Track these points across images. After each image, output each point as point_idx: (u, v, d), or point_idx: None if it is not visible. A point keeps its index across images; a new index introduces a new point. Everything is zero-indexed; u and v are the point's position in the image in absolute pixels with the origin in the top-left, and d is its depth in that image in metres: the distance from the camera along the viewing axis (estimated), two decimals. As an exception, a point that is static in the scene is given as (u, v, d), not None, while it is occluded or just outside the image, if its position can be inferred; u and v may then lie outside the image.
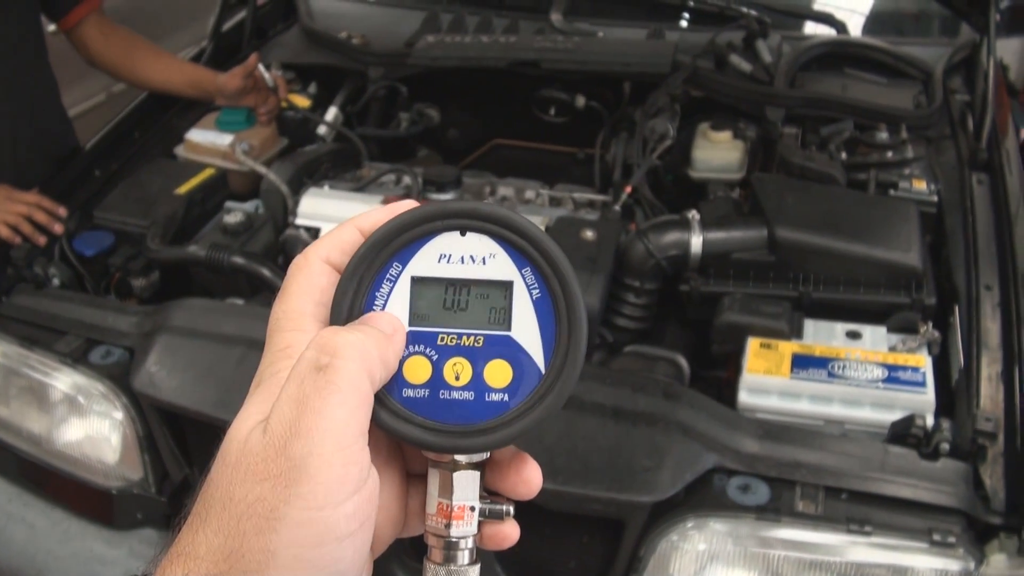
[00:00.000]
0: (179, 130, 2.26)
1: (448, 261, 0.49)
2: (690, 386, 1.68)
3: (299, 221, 1.98)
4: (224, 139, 2.18)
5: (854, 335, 1.67)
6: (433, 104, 2.51)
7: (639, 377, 1.53)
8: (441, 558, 0.49)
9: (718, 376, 1.79)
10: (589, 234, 1.80)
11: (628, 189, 1.97)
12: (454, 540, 0.49)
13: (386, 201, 1.96)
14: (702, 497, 1.39)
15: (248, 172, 2.12)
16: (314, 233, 1.95)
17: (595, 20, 2.55)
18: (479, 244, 0.49)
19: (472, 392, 0.48)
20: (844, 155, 2.07)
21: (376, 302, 0.49)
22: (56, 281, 1.83)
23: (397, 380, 0.48)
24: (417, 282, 0.49)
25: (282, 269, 1.87)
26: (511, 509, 0.51)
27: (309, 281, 0.50)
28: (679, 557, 1.38)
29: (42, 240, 1.87)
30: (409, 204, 0.51)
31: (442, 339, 0.48)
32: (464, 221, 0.49)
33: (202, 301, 1.73)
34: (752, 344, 1.62)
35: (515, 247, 0.48)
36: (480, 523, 0.50)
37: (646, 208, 2.02)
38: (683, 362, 1.73)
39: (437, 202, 0.57)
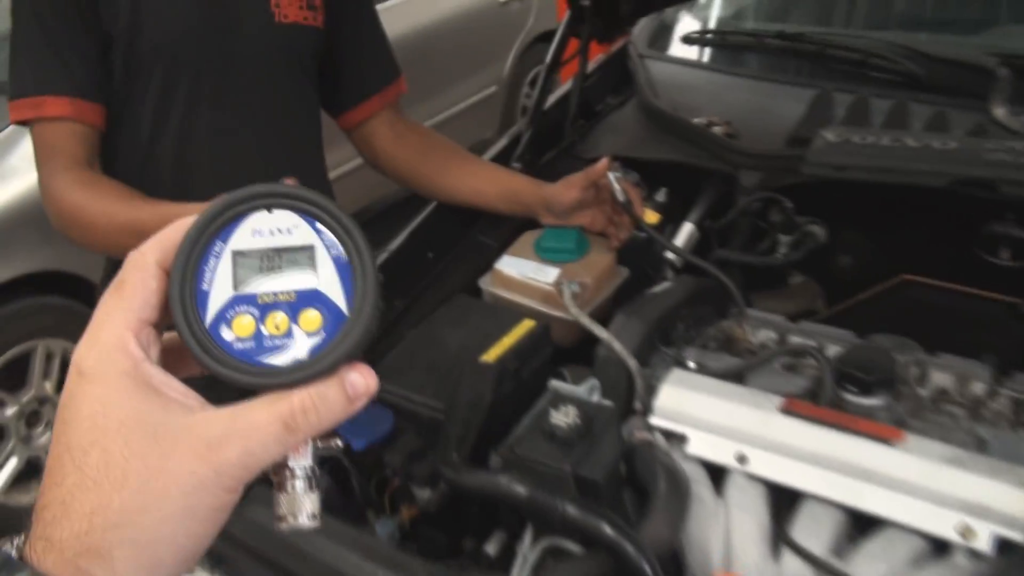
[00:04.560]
0: (486, 252, 1.70)
1: (261, 235, 0.56)
2: None
3: (656, 421, 1.35)
4: (547, 273, 1.59)
5: None
6: (818, 219, 1.81)
7: None
8: (284, 487, 0.57)
9: None
10: None
11: None
12: (292, 468, 0.57)
13: (787, 406, 1.30)
14: None
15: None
16: (678, 440, 1.33)
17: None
18: (284, 218, 0.56)
19: (290, 339, 0.55)
20: None
21: (205, 276, 0.55)
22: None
23: (228, 336, 0.54)
24: (237, 255, 0.56)
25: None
26: (340, 442, 0.61)
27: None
28: None
29: None
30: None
31: (261, 299, 0.55)
32: (269, 200, 0.56)
33: None
34: None
35: (312, 216, 0.56)
36: (316, 453, 0.58)
37: None
38: None
39: (248, 189, 0.56)
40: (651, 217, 1.75)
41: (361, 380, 0.56)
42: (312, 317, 0.55)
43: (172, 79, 1.52)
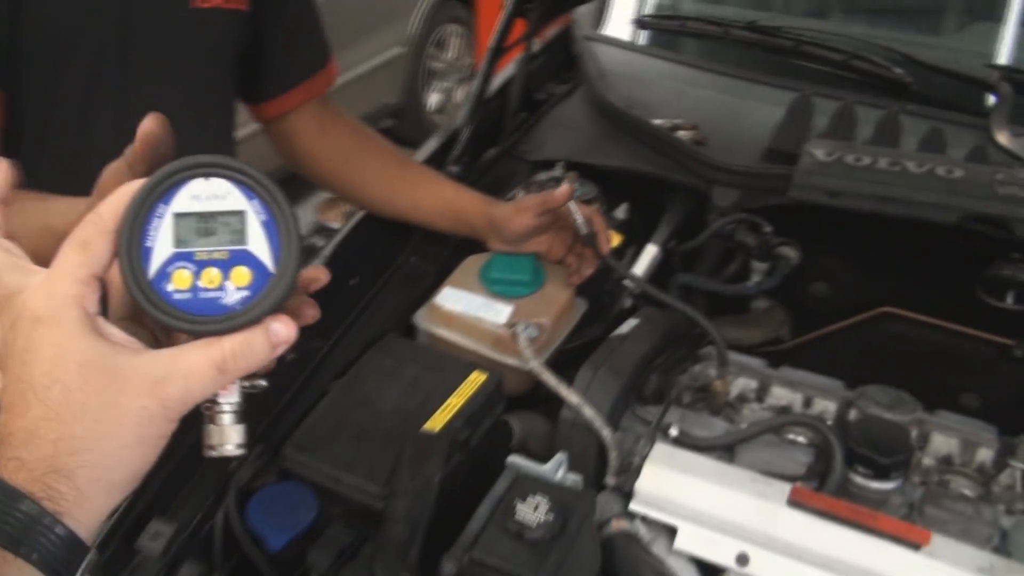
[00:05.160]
0: (422, 279, 1.44)
1: (199, 199, 0.62)
2: None
3: (639, 508, 1.13)
4: (498, 311, 1.33)
5: None
6: (789, 239, 1.61)
7: None
8: (214, 420, 0.64)
9: None
10: None
11: None
12: (221, 404, 0.63)
13: (796, 498, 1.09)
14: None
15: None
16: (661, 527, 1.12)
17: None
18: (220, 185, 0.62)
19: (223, 292, 0.61)
20: None
21: (149, 234, 0.61)
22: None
23: (168, 288, 0.61)
24: (178, 216, 0.61)
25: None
26: (264, 382, 0.65)
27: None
28: None
29: None
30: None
31: (198, 255, 0.61)
32: (207, 169, 0.62)
33: None
34: None
35: (245, 185, 0.62)
36: (242, 391, 0.64)
37: None
38: None
39: (189, 159, 0.62)
40: (612, 238, 1.51)
41: (283, 329, 0.62)
42: (242, 273, 0.61)
43: (59, 78, 1.18)
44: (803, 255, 1.59)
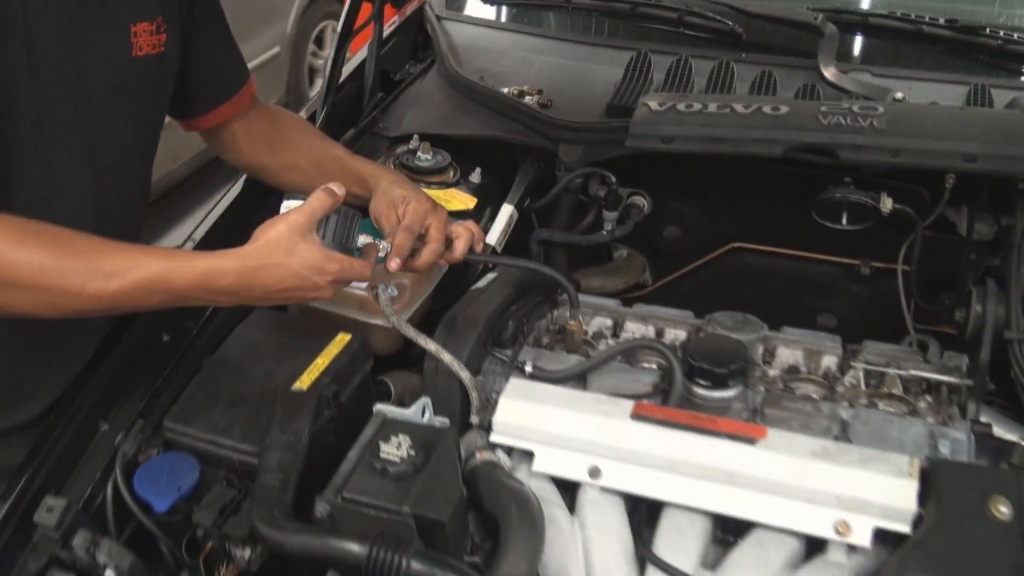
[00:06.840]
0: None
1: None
2: None
3: (498, 438, 1.22)
4: (360, 276, 1.41)
5: None
6: (640, 189, 1.72)
7: None
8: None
9: None
10: (1003, 511, 1.02)
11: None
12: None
13: (638, 411, 1.20)
14: None
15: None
16: (524, 457, 1.21)
17: (876, 69, 1.74)
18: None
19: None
20: None
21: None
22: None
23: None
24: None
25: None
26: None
27: None
28: None
29: None
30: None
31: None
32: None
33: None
34: None
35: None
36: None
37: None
38: None
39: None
40: (466, 201, 1.60)
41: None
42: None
43: (10, 123, 1.24)
44: (654, 203, 1.71)
